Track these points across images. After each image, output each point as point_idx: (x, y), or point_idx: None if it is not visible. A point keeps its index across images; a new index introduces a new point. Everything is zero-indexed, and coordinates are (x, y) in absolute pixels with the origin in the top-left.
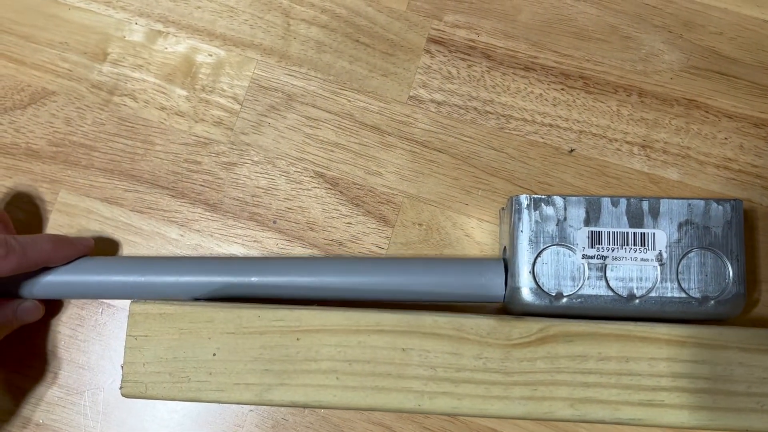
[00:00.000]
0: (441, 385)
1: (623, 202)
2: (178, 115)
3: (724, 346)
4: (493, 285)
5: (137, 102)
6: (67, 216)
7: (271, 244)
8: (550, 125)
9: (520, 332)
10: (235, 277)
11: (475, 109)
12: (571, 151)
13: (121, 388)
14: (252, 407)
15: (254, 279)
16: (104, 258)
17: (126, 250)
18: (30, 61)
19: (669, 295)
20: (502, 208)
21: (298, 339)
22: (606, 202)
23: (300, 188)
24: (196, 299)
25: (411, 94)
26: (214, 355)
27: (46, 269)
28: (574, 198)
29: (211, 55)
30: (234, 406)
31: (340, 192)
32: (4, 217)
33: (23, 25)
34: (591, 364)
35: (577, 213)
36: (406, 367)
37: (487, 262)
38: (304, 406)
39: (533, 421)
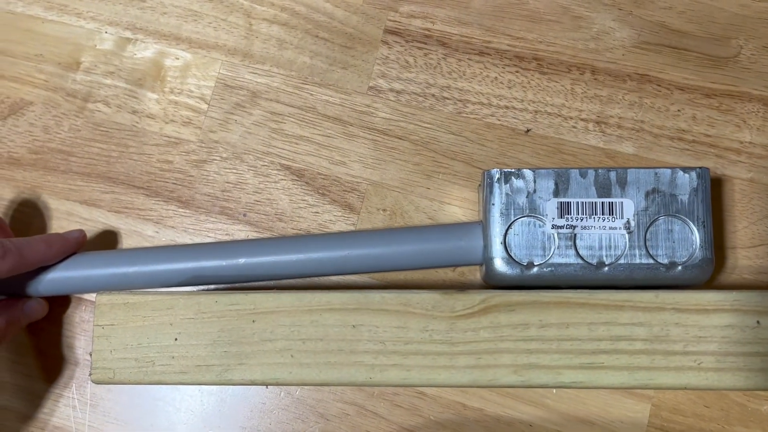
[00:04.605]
0: (390, 358)
1: (591, 173)
2: (149, 117)
3: (660, 307)
4: (473, 247)
5: (110, 107)
6: (49, 219)
7: (241, 236)
8: (506, 107)
9: (463, 304)
10: (223, 260)
11: (433, 95)
12: (528, 131)
13: (90, 375)
14: (216, 389)
15: (242, 261)
16: (98, 252)
17: (106, 250)
18: (8, 74)
19: (637, 261)
20: (479, 185)
21: (254, 321)
22: (574, 173)
23: (267, 181)
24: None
25: (371, 84)
26: (176, 339)
27: (44, 268)
28: (543, 170)
29: (178, 59)
30: (213, 394)
31: (306, 183)
32: (0, 221)
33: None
34: (532, 332)
35: (547, 185)
36: (357, 342)
37: (466, 225)
38: (262, 384)
39: (497, 393)
